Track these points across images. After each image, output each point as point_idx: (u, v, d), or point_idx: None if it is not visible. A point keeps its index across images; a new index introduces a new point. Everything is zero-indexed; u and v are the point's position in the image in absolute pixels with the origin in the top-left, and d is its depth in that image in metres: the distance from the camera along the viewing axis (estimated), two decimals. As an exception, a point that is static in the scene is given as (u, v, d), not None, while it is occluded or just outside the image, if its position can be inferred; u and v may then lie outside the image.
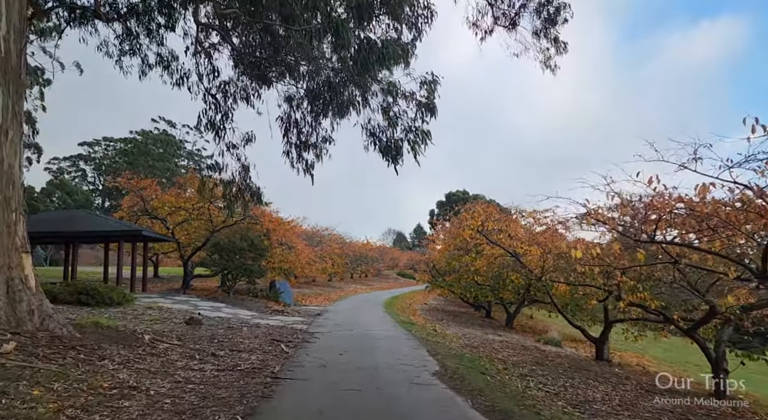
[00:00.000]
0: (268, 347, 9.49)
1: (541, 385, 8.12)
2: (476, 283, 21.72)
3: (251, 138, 10.57)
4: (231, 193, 10.37)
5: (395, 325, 15.13)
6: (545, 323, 27.79)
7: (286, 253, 25.81)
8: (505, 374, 8.56)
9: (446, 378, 7.37)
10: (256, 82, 10.50)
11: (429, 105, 7.71)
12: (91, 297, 12.80)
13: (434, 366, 8.39)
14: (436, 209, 79.57)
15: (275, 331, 11.98)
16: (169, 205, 21.75)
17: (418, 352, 10.01)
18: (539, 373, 9.54)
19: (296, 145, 9.55)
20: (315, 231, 40.91)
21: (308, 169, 9.51)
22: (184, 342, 8.84)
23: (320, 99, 9.42)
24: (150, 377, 6.19)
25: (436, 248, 28.17)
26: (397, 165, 7.96)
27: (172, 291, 21.16)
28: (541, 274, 13.03)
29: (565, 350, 16.09)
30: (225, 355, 8.23)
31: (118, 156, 74.02)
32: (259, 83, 10.47)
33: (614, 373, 11.44)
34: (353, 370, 7.66)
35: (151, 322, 11.18)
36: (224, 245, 19.58)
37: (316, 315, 17.75)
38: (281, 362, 8.06)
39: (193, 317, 11.80)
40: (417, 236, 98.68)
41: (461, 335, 15.32)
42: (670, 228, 6.47)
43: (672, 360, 19.71)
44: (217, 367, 7.24)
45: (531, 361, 11.45)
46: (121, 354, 7.06)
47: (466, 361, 9.11)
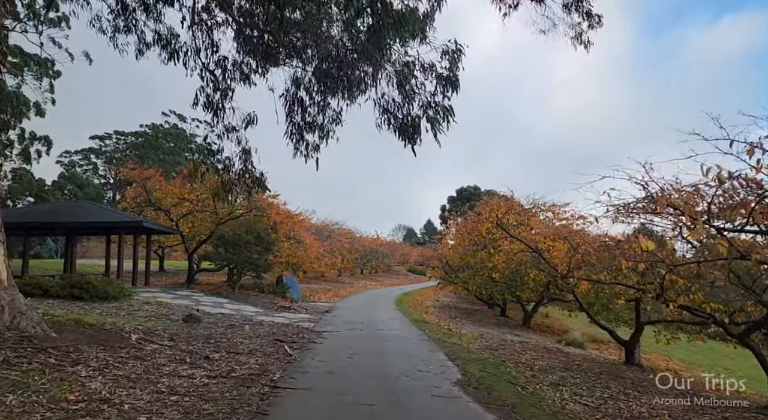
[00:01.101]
0: (270, 349, 8.60)
1: (577, 397, 7.12)
2: (492, 280, 20.72)
3: (253, 119, 9.60)
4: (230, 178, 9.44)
5: (408, 324, 14.19)
6: (562, 323, 26.66)
7: (294, 248, 24.97)
8: (535, 383, 7.56)
9: (470, 388, 6.41)
10: (259, 57, 9.55)
11: (451, 78, 6.74)
12: (85, 291, 12.02)
13: (455, 373, 7.44)
14: (447, 204, 78.43)
15: (279, 330, 11.10)
16: (172, 196, 20.96)
17: (435, 355, 9.06)
18: (571, 381, 8.54)
19: (300, 126, 8.61)
20: (324, 225, 40.09)
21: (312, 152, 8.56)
22: (177, 342, 7.98)
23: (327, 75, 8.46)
24: (128, 386, 5.31)
25: (448, 244, 27.11)
26: (414, 145, 6.99)
27: (176, 285, 20.43)
28: (568, 271, 11.97)
29: (589, 352, 15.05)
30: (220, 358, 7.35)
31: (128, 149, 73.84)
32: (261, 58, 9.52)
33: (650, 380, 10.40)
34: (364, 379, 6.73)
35: (146, 319, 10.36)
36: (229, 238, 18.76)
37: (324, 312, 16.89)
38: (283, 367, 7.16)
39: (192, 314, 10.97)
40: (427, 232, 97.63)
41: (478, 335, 14.35)
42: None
43: (700, 363, 18.56)
44: (209, 373, 6.35)
45: (559, 366, 10.45)
46: (99, 357, 6.20)
47: (490, 367, 8.14)
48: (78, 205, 19.43)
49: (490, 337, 14.60)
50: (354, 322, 13.86)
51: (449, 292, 33.37)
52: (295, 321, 13.50)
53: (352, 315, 16.14)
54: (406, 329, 12.94)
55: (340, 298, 25.68)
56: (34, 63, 32.40)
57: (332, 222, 42.73)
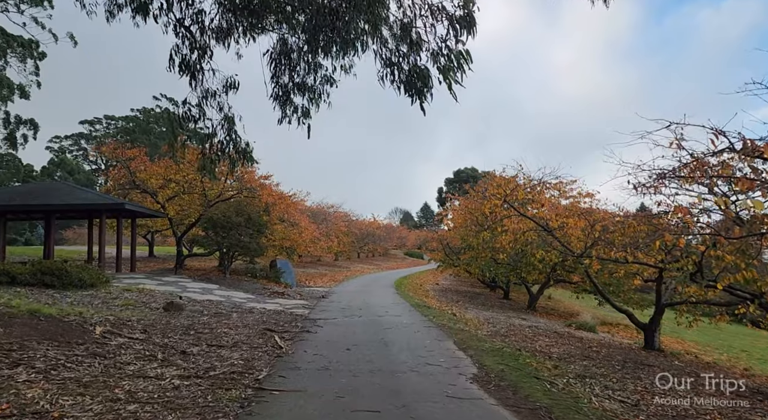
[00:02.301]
0: (259, 340, 7.62)
1: (609, 392, 6.19)
2: (495, 261, 19.79)
3: (234, 84, 8.35)
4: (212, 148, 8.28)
5: (410, 309, 13.26)
6: (566, 305, 25.90)
7: (288, 231, 23.91)
8: (560, 376, 6.63)
9: (491, 387, 5.45)
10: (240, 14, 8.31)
11: (465, 18, 5.63)
12: (57, 278, 10.97)
13: (469, 366, 6.48)
14: (444, 187, 77.43)
15: (271, 318, 10.12)
16: (156, 177, 19.75)
17: (443, 344, 8.12)
18: (596, 371, 7.63)
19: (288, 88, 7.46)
20: (320, 208, 38.95)
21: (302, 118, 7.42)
22: (150, 335, 6.97)
23: (317, 28, 7.27)
24: (76, 393, 4.30)
25: (449, 224, 26.12)
26: (423, 101, 5.89)
27: (164, 271, 19.40)
28: (585, 250, 11.00)
29: (602, 336, 14.20)
30: (199, 352, 6.35)
31: (119, 134, 72.04)
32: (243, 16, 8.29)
33: (677, 367, 9.53)
34: (365, 375, 5.75)
35: (121, 308, 9.35)
36: (218, 220, 17.66)
37: (320, 297, 15.94)
38: (271, 362, 6.18)
39: (173, 302, 9.95)
40: (424, 216, 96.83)
41: (483, 320, 13.46)
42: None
43: (713, 344, 17.83)
44: (183, 372, 5.35)
45: (577, 353, 9.54)
46: (49, 356, 5.18)
47: (507, 358, 7.19)
48: (55, 185, 18.19)
49: (497, 321, 13.72)
50: (352, 308, 12.92)
51: (449, 274, 32.55)
52: (288, 308, 12.54)
53: (350, 300, 15.20)
54: (408, 315, 12.01)
55: (336, 282, 24.76)
56: (17, 44, 30.83)
57: (328, 205, 41.59)
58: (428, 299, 18.25)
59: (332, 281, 25.08)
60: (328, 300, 15.22)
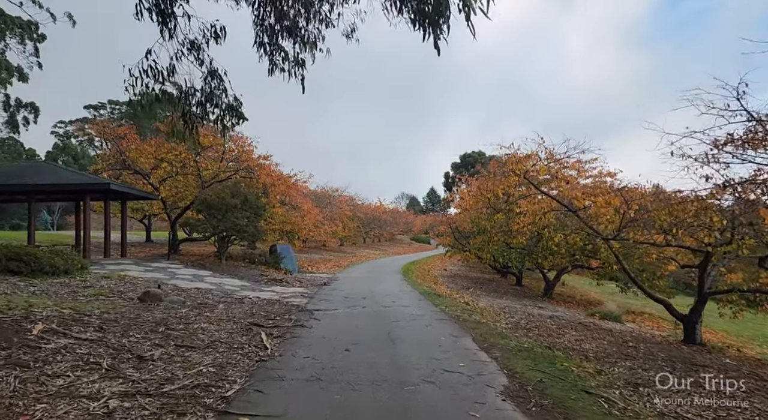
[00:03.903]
0: (241, 338, 6.39)
1: (678, 409, 4.92)
2: (508, 245, 18.46)
3: (219, 33, 6.91)
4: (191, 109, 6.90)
5: (419, 298, 12.01)
6: (582, 291, 24.58)
7: (289, 214, 22.67)
8: (608, 386, 5.34)
9: (532, 407, 4.18)
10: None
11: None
12: (25, 264, 9.81)
13: (497, 374, 5.21)
14: (451, 171, 75.82)
15: (261, 310, 8.90)
16: (147, 156, 18.49)
17: (460, 342, 6.85)
18: (644, 375, 6.35)
19: (275, 30, 6.12)
20: (324, 191, 37.69)
21: (295, 68, 6.10)
22: (106, 333, 5.74)
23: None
24: (-38, 426, 3.08)
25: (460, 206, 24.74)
26: (438, 37, 4.54)
27: (157, 256, 18.25)
28: (618, 232, 9.63)
29: (631, 327, 12.89)
30: (161, 357, 5.11)
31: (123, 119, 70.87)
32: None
33: (731, 366, 8.23)
34: (366, 387, 4.50)
35: (90, 299, 8.15)
36: (212, 202, 16.43)
37: (321, 285, 14.74)
38: (249, 370, 4.94)
39: (150, 291, 8.73)
40: (431, 200, 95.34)
41: (499, 310, 12.21)
42: None
43: (745, 335, 16.53)
44: (130, 387, 4.11)
45: (612, 350, 8.27)
46: (-49, 368, 3.96)
47: (542, 363, 5.91)
48: (38, 166, 16.98)
49: (514, 311, 12.46)
50: (356, 297, 11.68)
51: (457, 260, 31.31)
52: (285, 296, 11.33)
53: (354, 288, 13.98)
54: (418, 304, 10.75)
55: (341, 268, 23.57)
56: (16, 26, 29.50)
57: (332, 188, 40.30)
58: (438, 286, 17.02)
59: (336, 267, 23.90)
60: (330, 287, 14.01)
